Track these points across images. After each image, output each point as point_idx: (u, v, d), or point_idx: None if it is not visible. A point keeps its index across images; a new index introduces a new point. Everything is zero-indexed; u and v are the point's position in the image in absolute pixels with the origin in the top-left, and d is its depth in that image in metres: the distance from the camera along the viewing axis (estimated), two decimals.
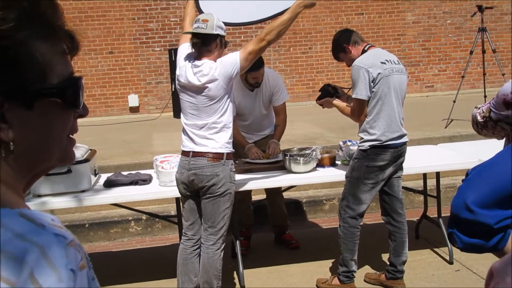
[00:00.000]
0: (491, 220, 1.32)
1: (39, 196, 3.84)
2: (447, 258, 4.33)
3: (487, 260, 2.23)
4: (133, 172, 4.37)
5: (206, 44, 3.39)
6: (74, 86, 0.82)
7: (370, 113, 3.69)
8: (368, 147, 3.71)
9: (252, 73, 4.33)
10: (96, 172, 4.22)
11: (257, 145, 4.53)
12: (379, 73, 3.62)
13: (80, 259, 0.76)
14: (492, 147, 2.22)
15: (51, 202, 3.80)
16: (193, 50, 3.45)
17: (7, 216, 0.74)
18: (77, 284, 0.74)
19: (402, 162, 3.86)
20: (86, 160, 3.94)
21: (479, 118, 2.36)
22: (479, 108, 2.39)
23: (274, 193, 4.75)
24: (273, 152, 4.41)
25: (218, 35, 3.38)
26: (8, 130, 0.76)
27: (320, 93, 4.11)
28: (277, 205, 4.84)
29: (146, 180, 4.13)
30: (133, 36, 10.44)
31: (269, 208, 4.90)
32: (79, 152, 4.00)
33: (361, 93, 3.64)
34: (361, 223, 3.89)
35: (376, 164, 3.72)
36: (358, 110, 3.71)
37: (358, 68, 3.64)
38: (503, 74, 7.78)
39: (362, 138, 3.75)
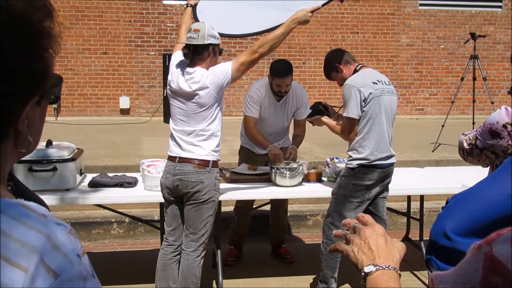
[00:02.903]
0: (467, 248, 1.34)
1: None
2: (426, 281, 4.35)
3: None
4: (119, 174, 4.35)
5: (198, 54, 3.41)
6: (60, 85, 0.91)
7: (360, 132, 3.72)
8: (356, 166, 3.73)
9: (276, 79, 4.34)
10: (82, 171, 4.20)
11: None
12: (370, 93, 3.65)
13: (80, 246, 0.79)
14: (477, 174, 2.24)
15: None
16: (186, 59, 3.47)
17: (8, 205, 0.76)
18: (83, 268, 0.77)
19: (389, 182, 3.89)
20: (72, 159, 3.92)
21: (465, 145, 2.39)
22: (466, 135, 2.42)
23: (278, 204, 4.75)
24: (292, 156, 4.37)
25: (210, 44, 3.40)
26: (25, 124, 0.82)
27: (310, 110, 4.13)
28: (279, 218, 4.84)
29: (132, 183, 4.12)
30: (129, 38, 10.45)
31: (270, 219, 4.90)
32: (66, 150, 3.98)
33: (352, 112, 3.67)
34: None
35: (363, 183, 3.74)
36: (349, 129, 3.73)
37: (350, 87, 3.67)
38: (492, 102, 7.88)
39: (350, 156, 3.77)
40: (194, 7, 3.87)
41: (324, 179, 4.39)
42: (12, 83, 0.78)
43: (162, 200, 3.71)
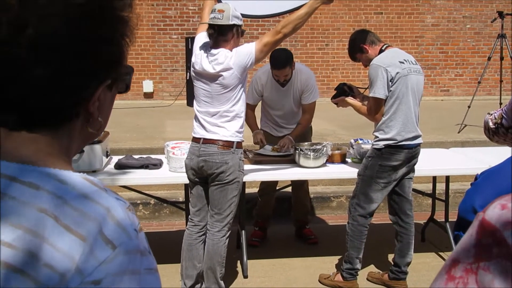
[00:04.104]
0: None
1: None
2: None
3: None
4: (144, 156, 4.40)
5: (222, 34, 3.41)
6: (131, 75, 0.94)
7: (387, 112, 3.69)
8: (383, 146, 3.71)
9: (274, 70, 4.37)
10: (108, 153, 4.26)
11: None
12: (397, 73, 3.62)
13: (138, 222, 0.81)
14: (504, 154, 2.21)
15: None
16: (210, 40, 3.47)
17: (72, 177, 0.79)
18: (140, 243, 0.78)
19: (415, 163, 3.85)
20: (98, 141, 3.97)
21: (491, 124, 2.35)
22: (491, 115, 2.39)
23: (299, 186, 4.76)
24: (283, 146, 4.41)
25: (234, 25, 3.40)
26: (96, 105, 0.85)
27: (335, 91, 4.10)
28: (300, 199, 4.86)
29: (157, 165, 4.16)
30: (151, 22, 10.47)
31: (293, 201, 4.93)
32: None
33: (379, 92, 3.63)
34: (369, 222, 3.90)
35: (389, 163, 3.72)
36: (375, 109, 3.71)
37: (377, 67, 3.63)
38: None
39: (377, 137, 3.75)
40: None
41: (348, 160, 4.38)
42: (88, 62, 0.81)
43: (187, 181, 3.75)
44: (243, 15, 3.55)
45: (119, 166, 4.12)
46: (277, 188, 4.87)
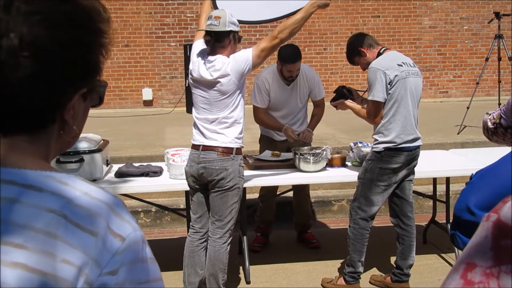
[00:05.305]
0: None
1: None
2: (454, 264, 4.32)
3: None
4: (145, 164, 4.40)
5: (219, 41, 3.42)
6: (105, 88, 0.96)
7: (386, 115, 3.70)
8: (383, 149, 3.71)
9: (287, 65, 4.37)
10: (108, 162, 4.26)
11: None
12: (396, 75, 3.63)
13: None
14: (504, 153, 2.22)
15: None
16: (207, 46, 3.48)
17: (69, 178, 0.83)
18: (142, 234, 0.83)
19: (415, 165, 3.86)
20: (98, 150, 3.98)
21: (489, 124, 2.36)
22: (490, 114, 2.39)
23: (300, 190, 4.77)
24: (306, 138, 4.42)
25: (231, 31, 3.41)
26: (71, 114, 0.88)
27: (334, 94, 4.12)
28: (301, 203, 4.86)
29: (157, 172, 4.17)
30: (149, 30, 10.49)
31: (294, 205, 4.93)
32: (92, 142, 4.04)
33: (377, 95, 3.64)
34: (371, 225, 3.90)
35: (389, 166, 3.72)
36: (374, 112, 3.72)
37: (375, 70, 3.65)
38: None
39: (376, 140, 3.76)
40: None
41: (348, 163, 4.38)
42: (67, 68, 0.83)
43: (188, 188, 3.75)
44: (240, 21, 3.56)
45: (120, 174, 4.12)
46: (278, 193, 4.88)
